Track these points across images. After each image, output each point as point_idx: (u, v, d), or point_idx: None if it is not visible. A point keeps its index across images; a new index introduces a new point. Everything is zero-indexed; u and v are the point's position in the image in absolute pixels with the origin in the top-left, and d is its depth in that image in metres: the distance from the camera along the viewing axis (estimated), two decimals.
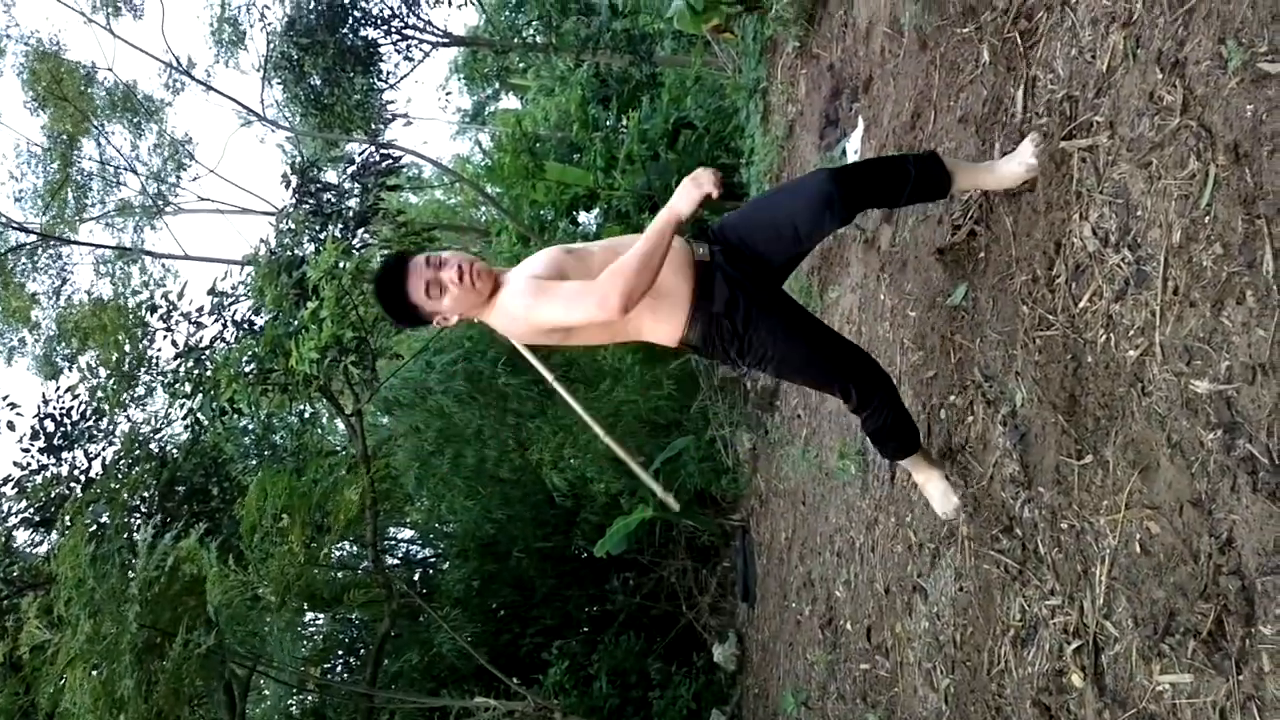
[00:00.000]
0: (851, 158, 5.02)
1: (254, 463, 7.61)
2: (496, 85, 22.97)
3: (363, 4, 14.26)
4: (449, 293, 2.46)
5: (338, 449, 8.69)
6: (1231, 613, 1.75)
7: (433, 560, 12.31)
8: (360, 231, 7.10)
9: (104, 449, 7.06)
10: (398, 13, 14.91)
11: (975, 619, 2.89)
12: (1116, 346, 2.19)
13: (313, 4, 13.51)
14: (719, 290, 2.55)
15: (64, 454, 6.85)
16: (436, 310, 2.51)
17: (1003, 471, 2.78)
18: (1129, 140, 2.18)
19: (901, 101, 4.18)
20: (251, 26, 14.15)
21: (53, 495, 6.57)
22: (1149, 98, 2.11)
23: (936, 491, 3.03)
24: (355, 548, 9.16)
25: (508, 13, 16.54)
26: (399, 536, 12.81)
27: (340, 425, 8.13)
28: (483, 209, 19.26)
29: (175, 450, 6.97)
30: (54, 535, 6.52)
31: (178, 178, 15.22)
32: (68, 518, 6.00)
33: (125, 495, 6.44)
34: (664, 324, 2.59)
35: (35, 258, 12.97)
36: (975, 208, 3.04)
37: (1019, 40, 2.83)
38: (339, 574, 8.68)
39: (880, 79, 4.63)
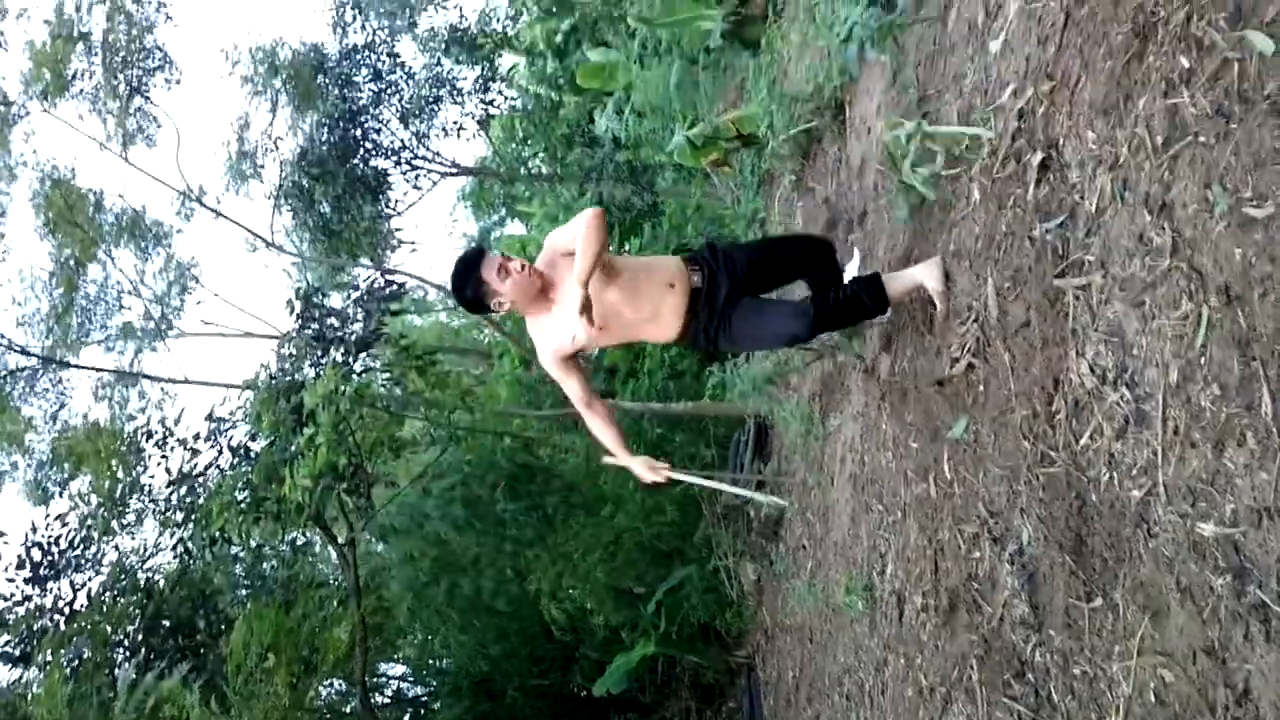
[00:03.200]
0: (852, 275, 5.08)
1: (244, 593, 7.42)
2: (502, 212, 23.57)
3: (374, 136, 14.79)
4: (511, 278, 3.20)
5: (329, 580, 8.50)
6: None
7: (424, 700, 11.86)
8: (361, 356, 7.14)
9: (90, 579, 6.91)
10: (408, 144, 15.44)
11: None
12: (1120, 486, 2.14)
13: (325, 135, 14.01)
14: (703, 308, 3.39)
15: (49, 584, 6.69)
16: (499, 291, 3.23)
17: (1012, 613, 2.68)
18: (1121, 280, 2.18)
19: (896, 235, 4.24)
20: (264, 156, 14.63)
21: (34, 628, 6.39)
22: (1139, 239, 2.12)
23: (931, 281, 3.37)
24: (344, 685, 8.85)
25: (514, 145, 17.12)
26: (390, 673, 12.39)
27: (334, 553, 7.99)
28: (486, 331, 19.47)
29: (163, 580, 6.81)
30: (33, 671, 6.31)
31: (182, 301, 15.47)
32: (48, 652, 5.81)
33: (109, 629, 6.26)
34: (665, 331, 3.47)
35: (35, 382, 13.04)
36: (972, 340, 3.03)
37: (1008, 181, 2.88)
38: (326, 717, 8.36)
39: (874, 213, 4.72)
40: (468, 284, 3.25)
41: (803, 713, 5.75)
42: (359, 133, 14.39)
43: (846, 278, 4.97)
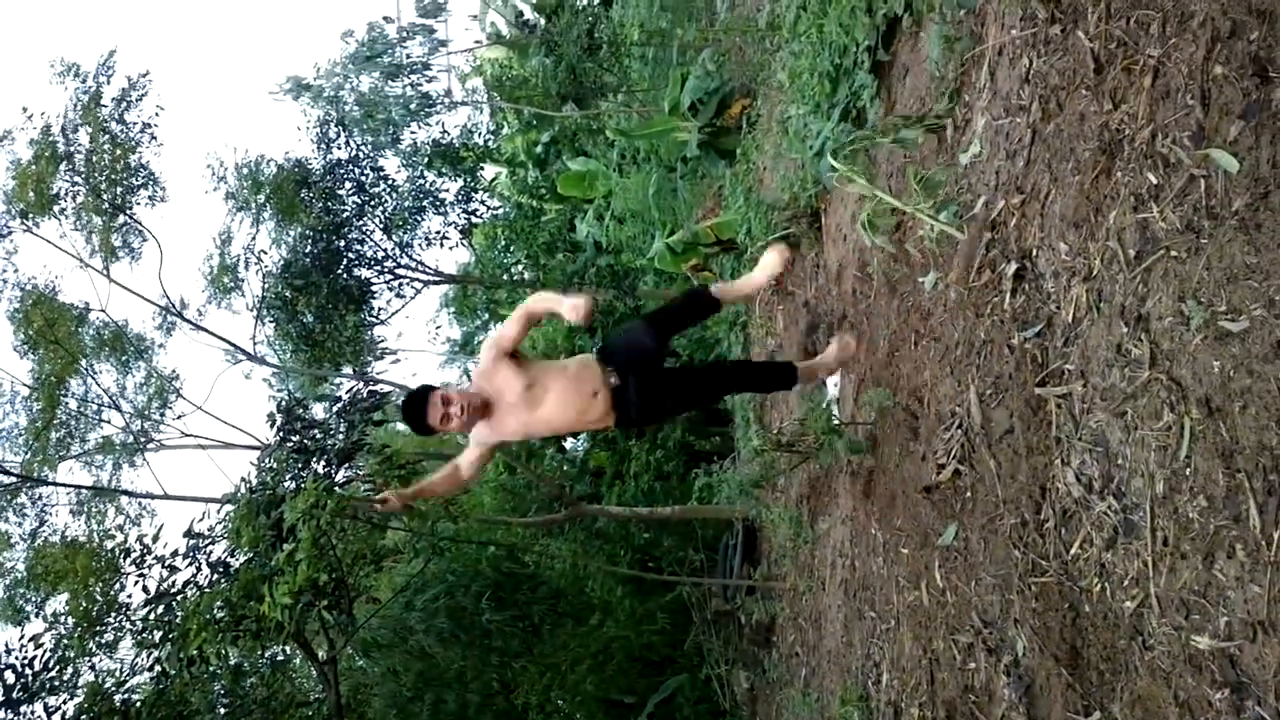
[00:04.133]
0: (832, 390, 5.11)
1: (222, 712, 7.15)
2: (485, 316, 23.72)
3: (357, 246, 14.95)
4: (453, 422, 3.66)
5: (311, 698, 8.22)
6: None
7: None
8: (343, 467, 7.06)
9: (65, 701, 6.65)
10: (391, 254, 15.62)
11: None
12: (1113, 596, 2.13)
13: (309, 247, 14.16)
14: (628, 397, 3.78)
15: (23, 707, 6.44)
16: (446, 430, 3.77)
17: None
18: (1102, 389, 2.22)
19: (877, 339, 4.30)
20: (247, 269, 14.72)
21: None
22: (1117, 349, 2.16)
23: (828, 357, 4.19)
24: None
25: (497, 252, 17.37)
26: None
27: (314, 670, 7.74)
28: (470, 437, 19.36)
29: (139, 702, 6.56)
30: None
31: (162, 414, 15.30)
32: None
33: None
34: (597, 422, 3.87)
35: (12, 499, 12.79)
36: (957, 446, 3.05)
37: (985, 289, 2.95)
38: None
39: (854, 316, 4.80)
40: (418, 423, 3.78)
41: None
42: (342, 243, 14.54)
43: (830, 381, 5.04)
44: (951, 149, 3.46)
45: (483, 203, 17.46)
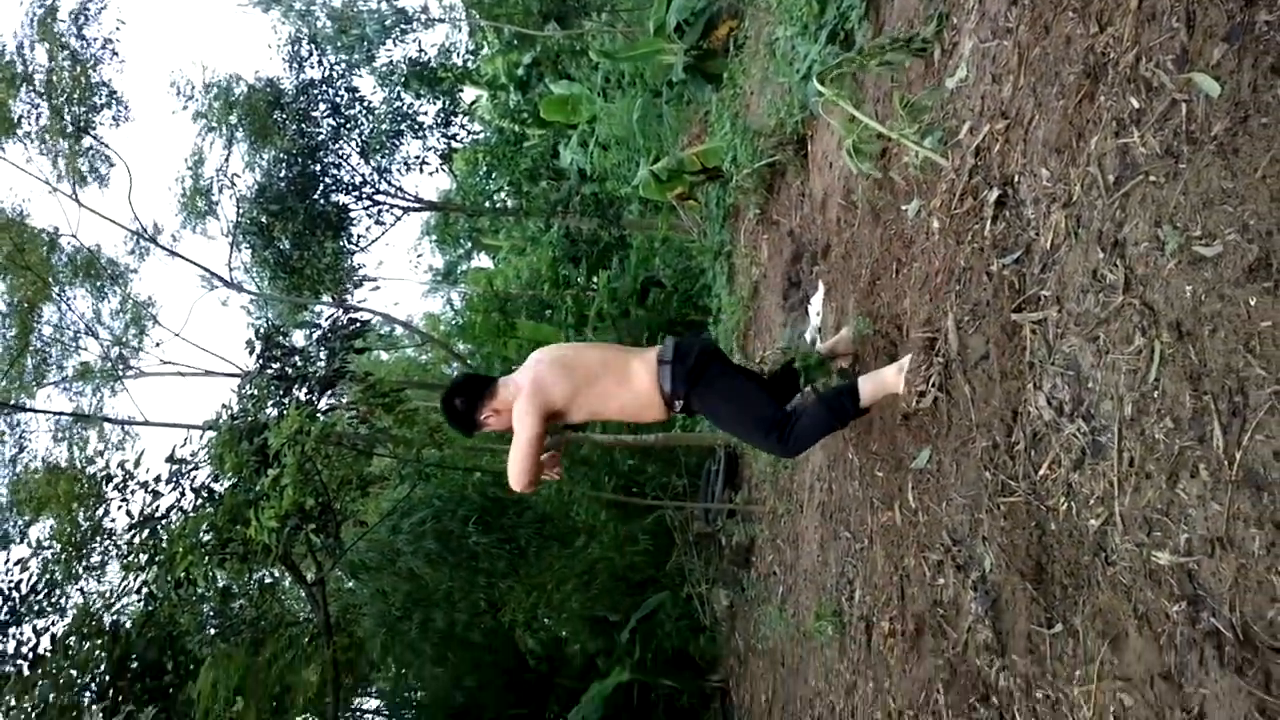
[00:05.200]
0: (815, 319, 5.15)
1: (212, 633, 7.30)
2: (468, 245, 23.54)
3: (334, 171, 14.72)
4: (495, 418, 3.60)
5: (300, 618, 8.38)
6: None
7: None
8: (326, 395, 7.09)
9: (54, 623, 6.76)
10: (369, 179, 15.40)
11: None
12: (1078, 515, 2.20)
13: (284, 171, 13.93)
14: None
15: (11, 629, 6.54)
16: (487, 423, 3.63)
17: (977, 638, 2.73)
18: (1076, 315, 2.25)
19: (860, 268, 4.32)
20: (221, 193, 14.49)
21: None
22: (1092, 275, 2.19)
23: (891, 382, 3.32)
24: None
25: (479, 179, 17.14)
26: (363, 707, 12.21)
27: (303, 592, 7.89)
28: (454, 366, 19.39)
29: (128, 623, 6.67)
30: None
31: (139, 341, 15.22)
32: (12, 699, 5.67)
33: (74, 673, 6.12)
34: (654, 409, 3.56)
35: None
36: (936, 374, 3.10)
37: (966, 216, 2.96)
38: None
39: (838, 246, 4.81)
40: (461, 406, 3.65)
41: None
42: (318, 168, 14.30)
43: (812, 310, 5.07)
44: (938, 73, 3.43)
45: (463, 127, 17.18)
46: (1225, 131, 1.83)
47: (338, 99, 14.93)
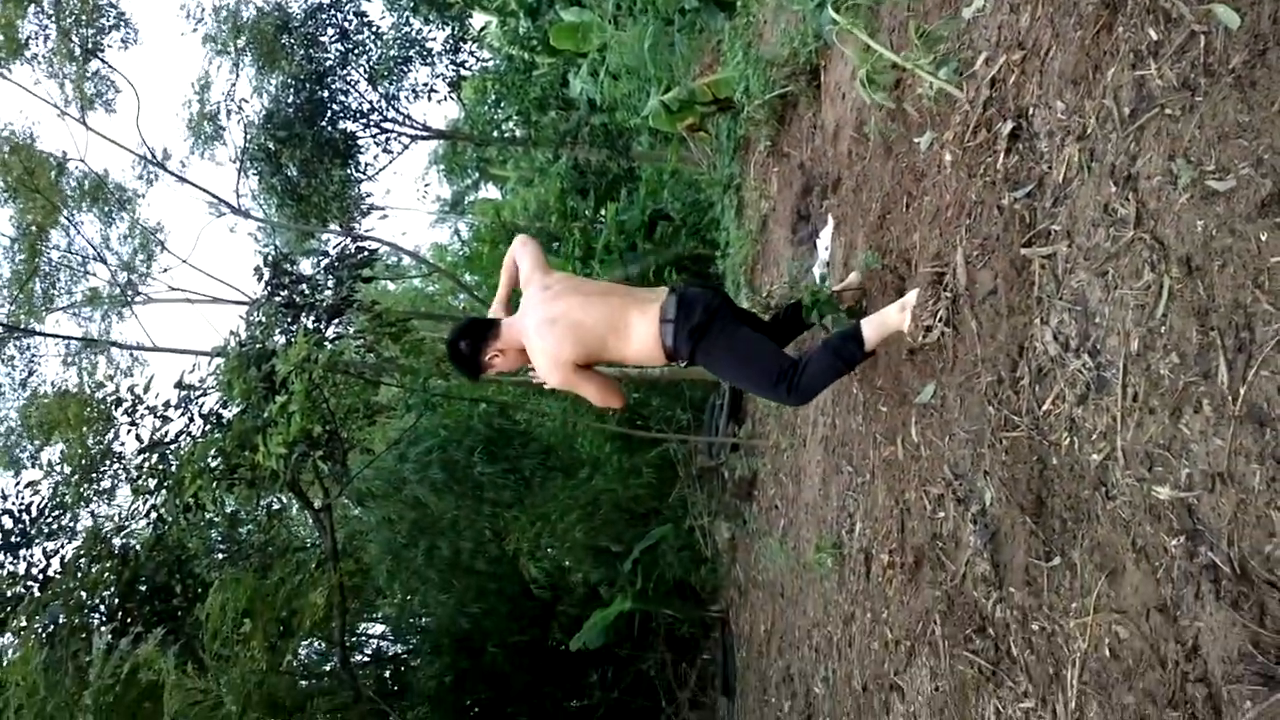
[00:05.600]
0: (823, 254, 5.11)
1: (220, 557, 7.43)
2: (476, 175, 23.33)
3: (341, 98, 14.54)
4: (501, 359, 3.63)
5: (307, 544, 8.53)
6: None
7: (404, 656, 11.99)
8: (333, 323, 7.10)
9: (64, 545, 6.88)
10: (377, 107, 15.21)
11: (952, 719, 2.84)
12: (1080, 450, 2.20)
13: (292, 97, 13.76)
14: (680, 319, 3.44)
15: (22, 551, 6.66)
16: (494, 368, 3.67)
17: (975, 570, 2.76)
18: (1086, 249, 2.23)
19: (870, 202, 4.27)
20: (229, 118, 14.35)
21: (7, 595, 6.37)
22: (1104, 209, 2.16)
23: (895, 320, 3.29)
24: (323, 645, 8.91)
25: (487, 108, 16.91)
26: (369, 632, 12.47)
27: (310, 518, 8.01)
28: (461, 297, 19.38)
29: (138, 546, 6.79)
30: (7, 636, 6.30)
31: (148, 267, 15.23)
32: (22, 619, 5.80)
33: (84, 595, 6.25)
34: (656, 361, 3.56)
35: (3, 349, 12.86)
36: (944, 309, 3.08)
37: (979, 149, 2.91)
38: (305, 679, 8.43)
39: (849, 179, 4.75)
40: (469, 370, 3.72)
41: (774, 664, 5.88)
42: (326, 94, 14.13)
43: (820, 244, 5.03)
44: (955, 2, 3.35)
45: (471, 54, 16.88)
46: (1243, 64, 1.79)
47: (346, 24, 14.69)
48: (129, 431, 6.71)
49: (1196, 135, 1.88)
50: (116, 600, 6.38)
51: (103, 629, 5.36)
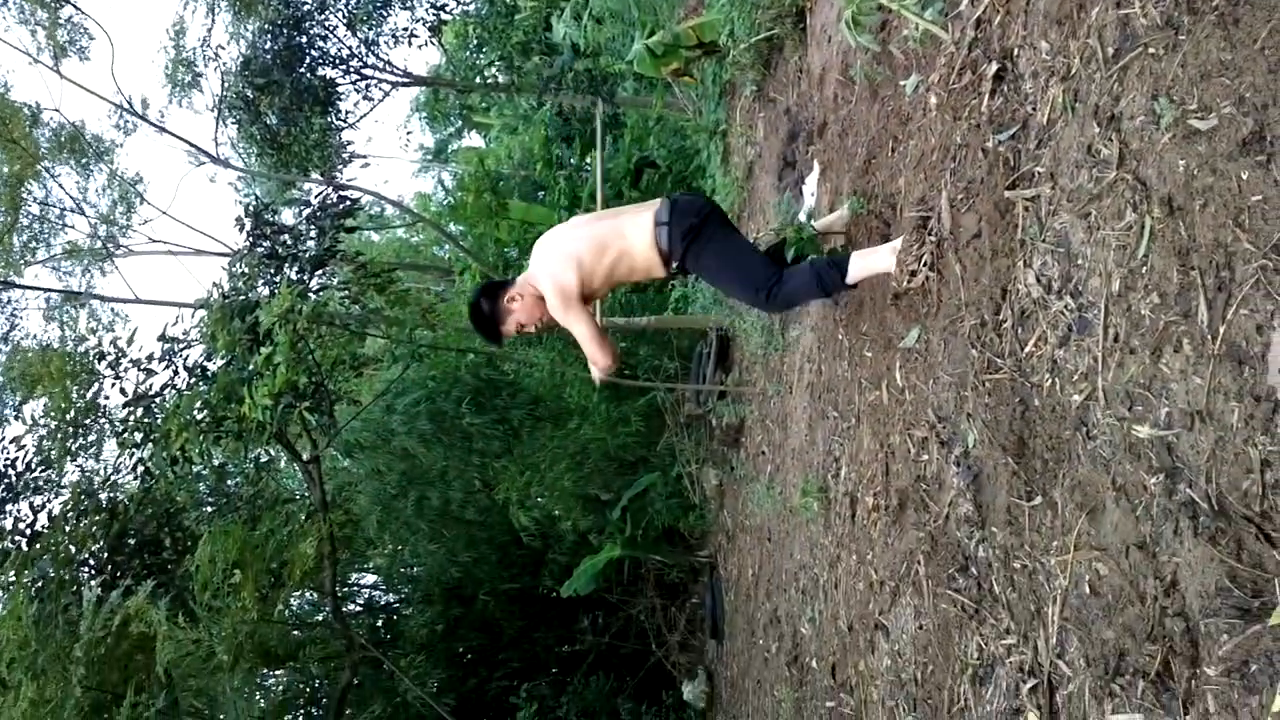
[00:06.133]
0: (809, 200, 5.08)
1: (208, 510, 7.45)
2: (459, 123, 23.03)
3: (320, 44, 14.24)
4: (514, 315, 3.80)
5: (296, 495, 8.54)
6: (1177, 654, 1.77)
7: (396, 605, 12.12)
8: (317, 274, 7.04)
9: (51, 500, 6.88)
10: (356, 53, 14.91)
11: (935, 657, 2.89)
12: (1062, 391, 2.22)
13: (269, 43, 13.46)
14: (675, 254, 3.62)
15: (8, 506, 6.65)
16: (512, 315, 3.80)
17: (957, 511, 2.80)
18: (1069, 191, 2.22)
19: (855, 146, 4.24)
20: (206, 65, 14.05)
21: None
22: (1087, 150, 2.15)
23: (883, 262, 3.37)
24: (315, 596, 8.99)
25: (469, 53, 16.60)
26: (361, 582, 12.58)
27: (298, 469, 8.02)
28: (446, 247, 19.25)
29: (126, 500, 6.79)
30: None
31: (128, 219, 15.01)
32: (11, 574, 5.82)
33: (73, 549, 6.27)
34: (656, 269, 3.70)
35: None
36: (929, 254, 3.08)
37: (964, 91, 2.89)
38: (296, 629, 8.51)
39: (834, 124, 4.71)
40: (487, 333, 3.90)
41: (761, 606, 5.97)
42: (304, 40, 13.81)
43: (806, 190, 5.00)
44: None
45: None
46: (1226, 1, 1.78)
47: None
48: (113, 385, 6.68)
49: (1179, 74, 1.87)
50: (105, 554, 6.40)
51: (92, 583, 5.37)
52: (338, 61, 14.51)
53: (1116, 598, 1.98)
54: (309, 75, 13.67)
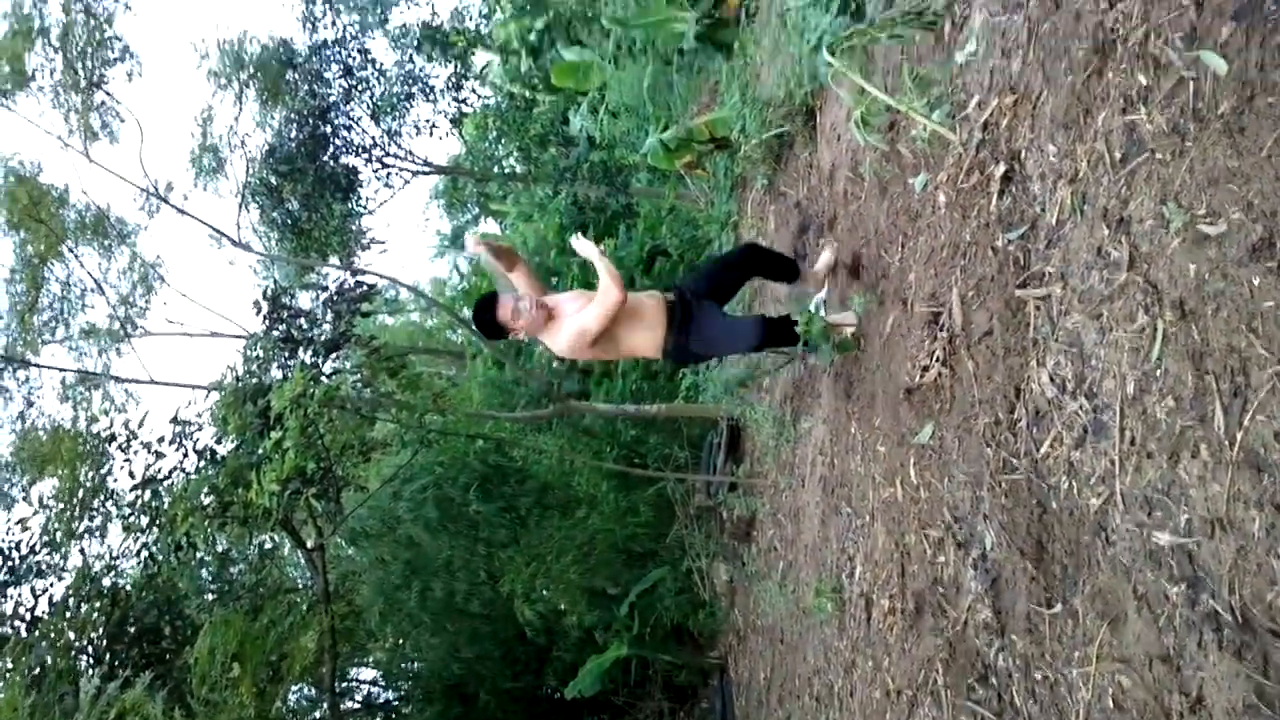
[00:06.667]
0: (820, 294, 5.09)
1: (210, 598, 7.33)
2: (476, 210, 23.45)
3: (344, 133, 14.63)
4: (522, 317, 3.98)
5: (299, 584, 8.42)
6: None
7: (395, 704, 11.79)
8: (330, 358, 7.08)
9: (53, 585, 6.79)
10: (379, 142, 15.31)
11: None
12: (1079, 494, 2.17)
13: (294, 132, 13.85)
14: (678, 321, 4.12)
15: (10, 590, 6.57)
16: (514, 327, 4.02)
17: (976, 617, 2.72)
18: (1080, 291, 2.22)
19: (866, 240, 4.27)
20: (231, 151, 14.45)
21: None
22: (1097, 252, 2.15)
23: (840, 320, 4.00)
24: (313, 691, 8.77)
25: (488, 143, 17.02)
26: (360, 677, 12.28)
27: (302, 557, 7.92)
28: (459, 332, 19.39)
29: (128, 585, 6.70)
30: None
31: (146, 301, 15.23)
32: (9, 660, 5.71)
33: (72, 636, 6.16)
34: (650, 344, 4.17)
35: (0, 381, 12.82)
36: (940, 349, 3.06)
37: (973, 191, 2.91)
38: None
39: (844, 218, 4.75)
40: (487, 328, 4.09)
41: (774, 714, 5.78)
42: (329, 129, 14.22)
43: (820, 269, 5.01)
44: (948, 46, 3.37)
45: (473, 91, 17.04)
46: (1232, 110, 1.79)
47: (350, 61, 14.82)
48: (122, 467, 6.66)
49: (1187, 179, 1.88)
50: (105, 642, 6.28)
51: (91, 672, 5.25)
52: (361, 150, 14.89)
53: (1141, 713, 1.90)
54: (332, 163, 14.02)
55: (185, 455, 6.52)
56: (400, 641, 10.48)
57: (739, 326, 4.39)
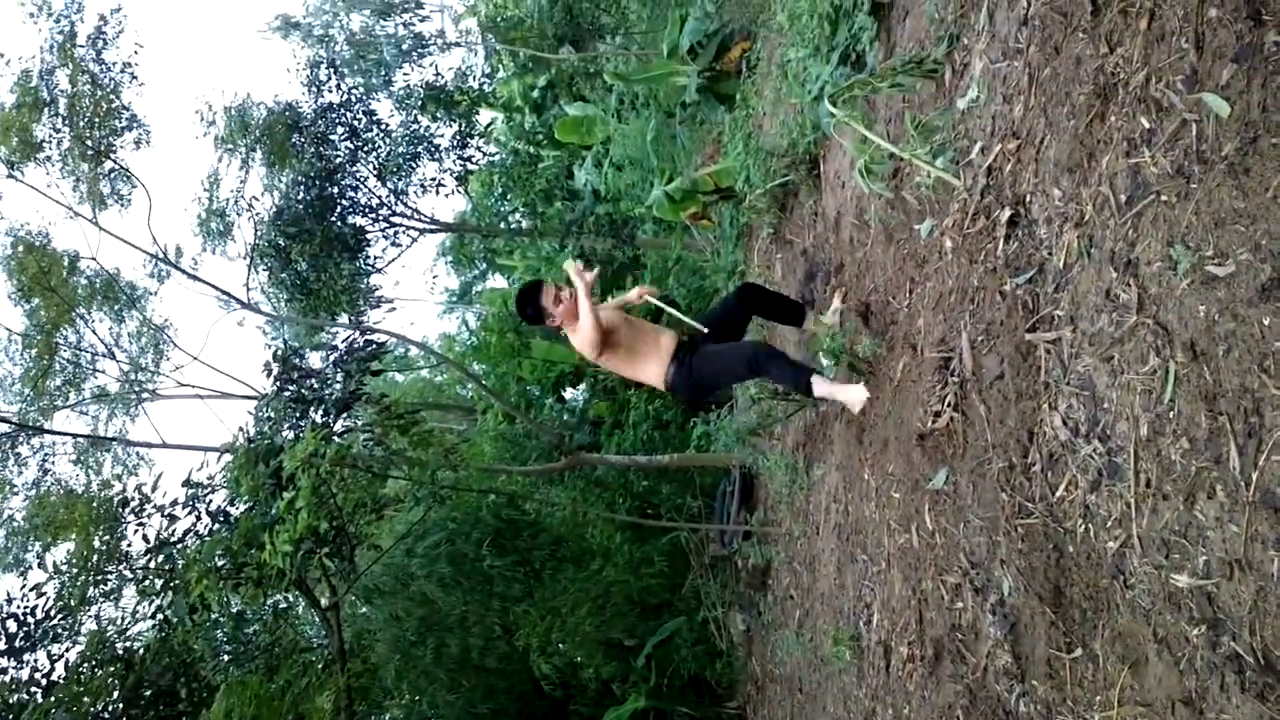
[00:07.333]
0: (836, 302, 5.11)
1: (226, 659, 7.28)
2: (483, 266, 23.63)
3: (351, 194, 14.81)
4: (563, 304, 4.42)
5: (314, 643, 8.35)
6: None
7: None
8: (341, 417, 7.10)
9: (68, 649, 6.76)
10: (386, 201, 15.49)
11: None
12: (1096, 537, 2.17)
13: (301, 194, 14.02)
14: (681, 358, 4.48)
15: (26, 656, 6.54)
16: (554, 313, 4.45)
17: (996, 663, 2.69)
18: (1090, 335, 2.23)
19: (874, 287, 4.30)
20: (239, 214, 14.61)
21: (10, 702, 6.23)
22: (1106, 295, 2.17)
23: (846, 396, 4.09)
24: None
25: (493, 200, 17.22)
26: None
27: (317, 616, 7.87)
28: (469, 387, 19.44)
29: (143, 649, 6.66)
30: None
31: (157, 364, 15.32)
32: None
33: (88, 700, 6.12)
34: (656, 375, 4.53)
35: (12, 448, 12.86)
36: (951, 394, 3.07)
37: (979, 236, 2.95)
38: None
39: (851, 265, 4.79)
40: (530, 306, 4.47)
41: None
42: (336, 190, 14.39)
43: (829, 319, 5.03)
44: (949, 94, 3.43)
45: (478, 149, 17.27)
46: (1235, 151, 1.82)
47: (355, 122, 15.04)
48: (136, 531, 6.66)
49: (1194, 221, 1.90)
50: (121, 706, 6.23)
51: None
52: (368, 210, 15.06)
53: None
54: (339, 224, 14.17)
55: (199, 517, 6.52)
56: (416, 698, 10.34)
57: (734, 346, 4.60)
